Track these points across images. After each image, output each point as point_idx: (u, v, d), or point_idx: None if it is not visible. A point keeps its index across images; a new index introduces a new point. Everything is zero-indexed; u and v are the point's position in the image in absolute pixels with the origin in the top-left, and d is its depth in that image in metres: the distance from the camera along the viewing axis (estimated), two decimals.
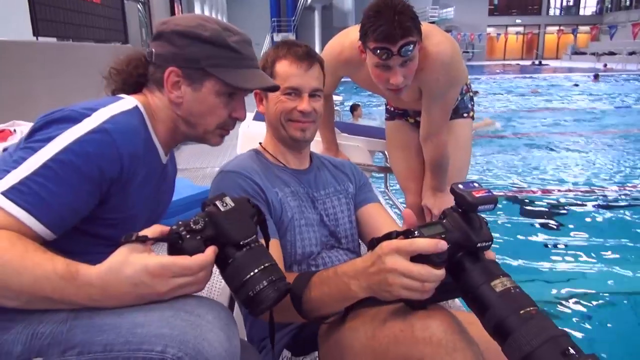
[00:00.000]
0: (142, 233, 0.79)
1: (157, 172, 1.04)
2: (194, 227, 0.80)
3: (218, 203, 0.83)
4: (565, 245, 3.91)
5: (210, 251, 0.80)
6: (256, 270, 0.79)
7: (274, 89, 1.08)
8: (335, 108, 2.93)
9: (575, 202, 5.04)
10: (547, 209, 4.84)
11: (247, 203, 0.87)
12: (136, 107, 0.97)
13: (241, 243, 0.81)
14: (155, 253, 0.79)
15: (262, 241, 0.90)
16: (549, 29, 37.28)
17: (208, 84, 0.99)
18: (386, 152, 2.46)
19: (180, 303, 0.78)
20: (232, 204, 0.83)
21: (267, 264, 0.80)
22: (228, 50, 0.99)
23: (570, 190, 5.41)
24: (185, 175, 4.12)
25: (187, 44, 0.97)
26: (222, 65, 0.99)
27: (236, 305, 1.36)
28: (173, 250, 0.80)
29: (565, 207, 4.87)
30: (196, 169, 4.39)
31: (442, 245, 0.79)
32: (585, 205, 4.93)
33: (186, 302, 0.79)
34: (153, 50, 1.01)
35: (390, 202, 2.94)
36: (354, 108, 8.26)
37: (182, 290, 0.79)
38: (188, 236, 0.79)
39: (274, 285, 0.79)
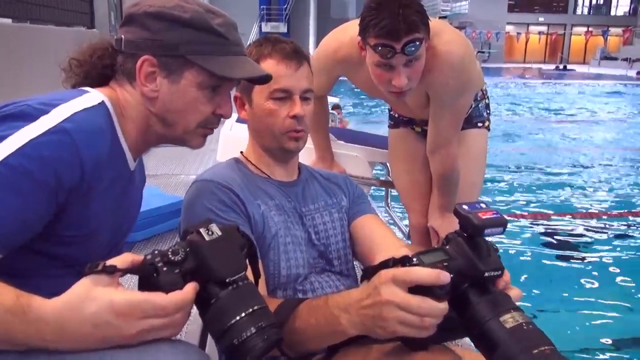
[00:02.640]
0: (109, 262, 0.75)
1: (123, 180, 1.02)
2: (172, 258, 0.77)
3: (202, 231, 0.80)
4: (592, 277, 3.91)
5: (190, 288, 0.76)
6: (243, 315, 0.76)
7: (267, 78, 1.07)
8: (330, 111, 2.94)
9: (605, 227, 5.05)
10: (571, 235, 4.85)
11: (236, 232, 0.84)
12: (102, 103, 0.95)
13: (227, 280, 0.78)
14: (123, 287, 0.76)
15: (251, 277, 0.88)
16: (576, 29, 37.82)
17: (188, 75, 0.97)
18: (388, 164, 2.47)
19: (152, 349, 0.75)
20: (219, 233, 0.80)
21: (256, 307, 0.78)
22: (212, 35, 0.98)
23: (599, 214, 5.43)
24: (153, 183, 4.09)
25: (164, 27, 0.96)
26: (205, 51, 0.97)
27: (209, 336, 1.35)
28: (145, 285, 0.77)
29: (593, 233, 4.88)
30: (167, 175, 4.37)
31: (444, 277, 0.78)
32: (617, 231, 4.94)
33: (158, 349, 0.75)
34: (122, 36, 0.99)
35: (392, 222, 2.95)
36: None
37: (154, 334, 0.75)
38: (165, 269, 0.76)
39: (263, 334, 0.76)
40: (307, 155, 2.16)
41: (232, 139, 2.21)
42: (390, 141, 2.25)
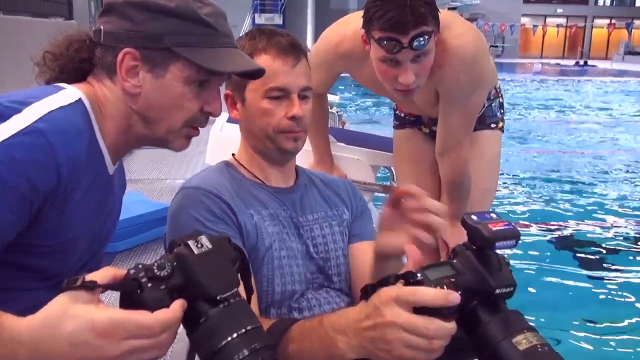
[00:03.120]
0: (89, 277, 0.74)
1: (101, 185, 1.02)
2: (157, 273, 0.75)
3: (191, 243, 0.79)
4: (616, 294, 3.89)
5: (177, 306, 0.75)
6: (235, 335, 0.75)
7: (260, 73, 1.07)
8: (330, 110, 2.95)
9: (631, 239, 5.04)
10: (592, 247, 4.84)
11: (227, 244, 0.84)
12: (79, 101, 0.95)
13: (218, 298, 0.78)
14: (104, 304, 0.75)
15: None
16: (598, 21, 38.02)
17: (174, 69, 0.98)
18: (393, 168, 2.47)
19: None
20: (209, 246, 0.80)
21: (249, 327, 0.77)
22: (199, 25, 0.98)
23: (624, 225, 5.42)
24: (136, 188, 4.09)
25: (147, 17, 0.96)
26: (193, 43, 0.98)
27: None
28: (129, 302, 0.76)
29: (617, 246, 4.87)
30: (151, 180, 4.37)
31: (453, 298, 0.78)
32: None
33: None
34: (102, 27, 0.99)
35: None
36: None
37: (137, 356, 0.74)
38: (149, 284, 0.75)
39: (257, 356, 0.75)
40: (305, 157, 2.16)
41: (223, 140, 2.21)
42: (396, 143, 2.25)
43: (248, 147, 1.30)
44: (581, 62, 32.71)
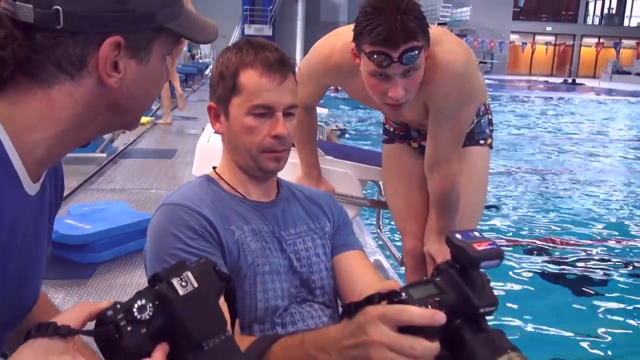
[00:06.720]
0: (62, 319, 0.67)
1: (24, 224, 0.82)
2: (138, 316, 0.70)
3: (175, 282, 0.72)
4: (604, 313, 3.92)
5: (160, 353, 0.70)
6: None
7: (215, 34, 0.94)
8: (319, 123, 2.96)
9: (616, 257, 5.09)
10: (578, 264, 4.88)
11: (213, 273, 0.78)
12: None
13: (204, 344, 0.73)
14: (81, 354, 0.68)
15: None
16: (586, 40, 38.55)
17: (157, 49, 0.83)
18: (381, 183, 2.48)
19: None
20: (195, 284, 0.74)
21: None
22: None
23: (610, 242, 5.47)
24: (121, 198, 4.08)
25: None
26: (176, 14, 0.83)
27: None
28: (106, 348, 0.69)
29: (602, 262, 4.92)
30: (136, 190, 4.36)
31: (439, 317, 0.78)
32: (630, 260, 4.98)
33: None
34: (60, 8, 0.73)
35: (384, 246, 2.95)
36: None
37: None
38: (129, 329, 0.69)
39: None
40: (292, 171, 2.16)
41: (209, 152, 2.21)
42: (384, 157, 2.26)
43: (230, 161, 1.29)
44: (569, 80, 33.14)
